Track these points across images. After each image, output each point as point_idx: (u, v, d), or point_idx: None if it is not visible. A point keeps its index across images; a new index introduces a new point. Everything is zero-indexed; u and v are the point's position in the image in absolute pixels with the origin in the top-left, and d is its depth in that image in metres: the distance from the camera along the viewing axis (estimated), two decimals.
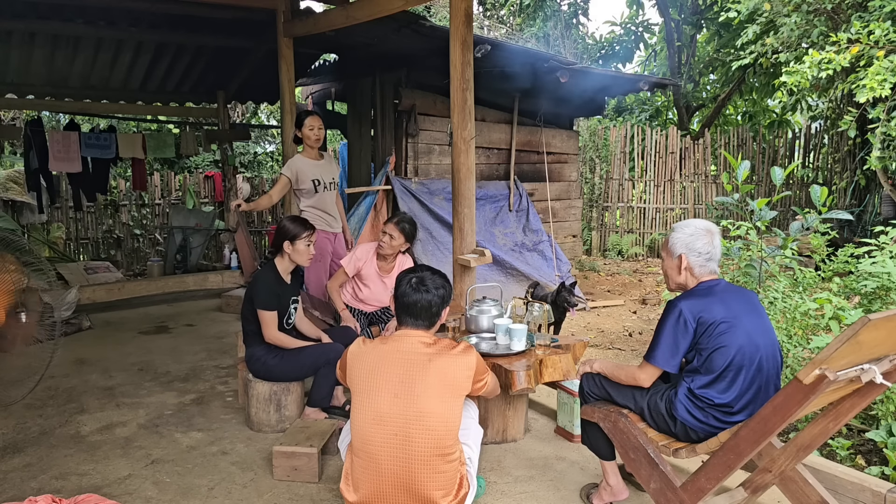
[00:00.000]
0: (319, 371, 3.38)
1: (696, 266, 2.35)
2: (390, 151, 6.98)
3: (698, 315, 2.24)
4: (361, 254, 4.01)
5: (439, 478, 2.12)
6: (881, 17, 6.35)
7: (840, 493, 2.48)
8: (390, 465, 2.12)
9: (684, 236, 2.36)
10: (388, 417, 2.12)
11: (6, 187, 8.13)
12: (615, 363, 2.52)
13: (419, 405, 2.11)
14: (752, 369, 2.21)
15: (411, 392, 2.12)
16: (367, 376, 2.19)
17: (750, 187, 4.72)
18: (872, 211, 8.35)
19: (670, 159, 10.46)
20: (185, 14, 6.15)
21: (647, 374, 2.34)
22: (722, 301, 2.27)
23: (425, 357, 2.18)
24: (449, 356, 2.20)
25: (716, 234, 2.37)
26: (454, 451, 2.17)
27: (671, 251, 2.41)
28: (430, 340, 2.26)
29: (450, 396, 2.16)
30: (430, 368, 2.15)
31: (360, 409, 2.19)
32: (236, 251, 6.94)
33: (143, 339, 5.40)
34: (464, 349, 2.26)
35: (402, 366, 2.17)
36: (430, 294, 2.28)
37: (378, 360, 2.21)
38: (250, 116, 13.89)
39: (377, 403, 2.15)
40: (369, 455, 2.14)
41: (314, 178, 4.45)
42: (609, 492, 2.66)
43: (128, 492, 2.81)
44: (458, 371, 2.19)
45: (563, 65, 6.70)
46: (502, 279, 6.81)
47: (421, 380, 2.13)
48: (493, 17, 16.19)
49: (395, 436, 2.11)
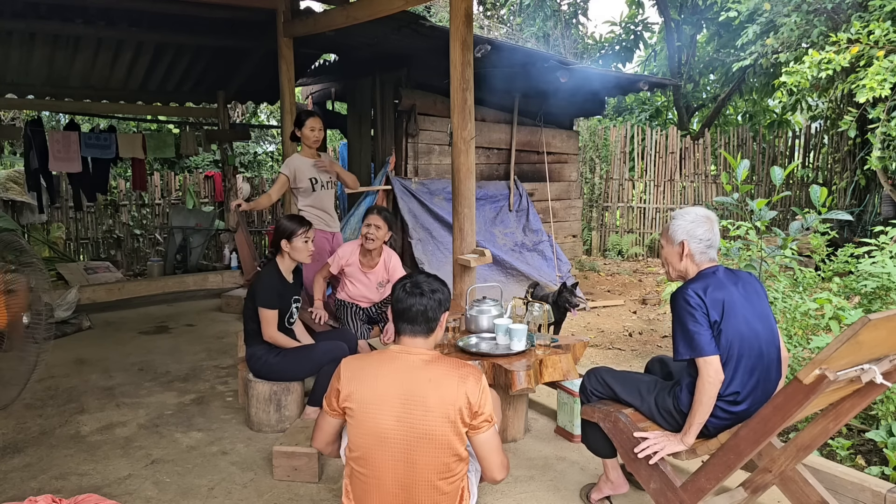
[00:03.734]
0: (322, 370, 3.38)
1: (697, 253, 2.34)
2: (390, 151, 6.98)
3: (703, 294, 2.21)
4: (343, 252, 4.07)
5: (442, 499, 2.06)
6: (881, 17, 6.36)
7: (840, 493, 2.48)
8: (393, 487, 2.03)
9: (685, 223, 2.35)
10: (391, 440, 2.01)
11: (6, 187, 8.13)
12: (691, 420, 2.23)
13: (422, 428, 1.99)
14: (752, 356, 2.21)
15: (413, 415, 2.00)
16: (367, 392, 2.05)
17: (749, 187, 4.71)
18: (872, 211, 8.35)
19: (670, 159, 10.46)
20: (185, 14, 6.15)
21: (708, 369, 2.16)
22: (722, 287, 2.26)
23: (426, 378, 2.03)
24: (451, 378, 2.03)
25: (715, 221, 2.38)
26: (459, 472, 2.07)
27: (672, 238, 2.39)
28: (431, 358, 2.09)
29: (454, 419, 2.00)
30: (431, 391, 2.00)
31: (359, 426, 2.06)
32: (236, 251, 6.95)
33: (143, 339, 5.40)
34: (469, 373, 2.04)
35: (403, 385, 2.02)
36: (425, 298, 2.13)
37: (377, 377, 2.07)
38: (250, 116, 13.89)
39: (378, 423, 2.03)
40: (372, 475, 2.05)
41: (311, 178, 4.46)
42: (609, 486, 2.67)
43: (128, 492, 2.81)
44: (460, 397, 2.00)
45: (563, 65, 6.70)
46: (502, 279, 6.81)
47: (421, 402, 1.99)
48: (493, 17, 16.19)
49: (397, 460, 2.01)
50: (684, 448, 2.25)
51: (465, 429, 2.02)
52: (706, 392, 2.16)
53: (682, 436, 2.25)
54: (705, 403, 2.17)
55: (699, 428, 2.22)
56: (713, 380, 2.16)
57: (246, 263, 4.77)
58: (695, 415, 2.20)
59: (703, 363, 2.16)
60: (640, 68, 15.09)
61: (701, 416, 2.19)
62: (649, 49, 14.59)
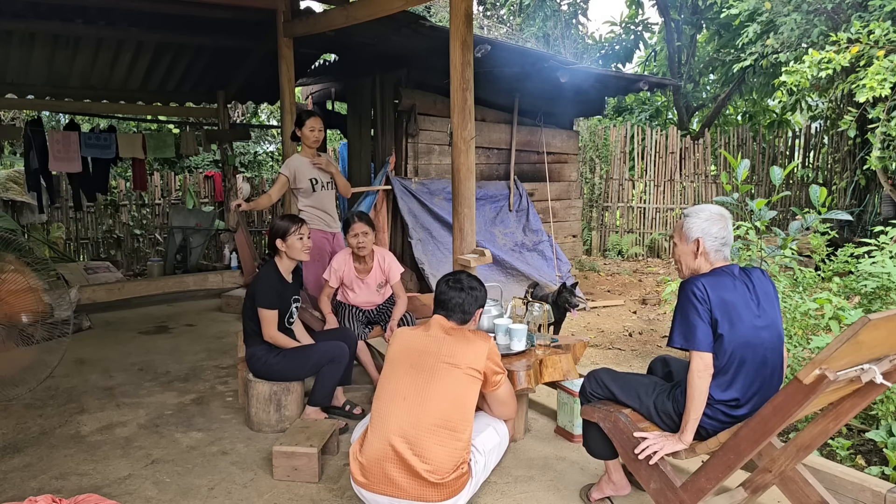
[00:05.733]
0: (322, 370, 3.38)
1: (712, 251, 2.32)
2: (390, 151, 6.98)
3: (711, 291, 2.20)
4: (338, 264, 4.03)
5: (440, 452, 2.26)
6: (881, 17, 6.36)
7: (840, 493, 2.48)
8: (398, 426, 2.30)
9: (700, 221, 2.33)
10: (402, 384, 2.37)
11: (6, 187, 8.13)
12: (687, 417, 2.24)
13: (432, 378, 2.34)
14: (755, 363, 2.20)
15: (425, 366, 2.38)
16: (397, 351, 2.51)
17: (749, 187, 4.71)
18: (872, 211, 8.35)
19: (670, 159, 10.46)
20: (186, 14, 6.15)
21: (699, 363, 2.18)
22: (733, 289, 2.24)
23: (442, 337, 2.48)
24: (464, 338, 2.48)
25: (728, 219, 2.36)
26: (462, 432, 2.32)
27: (686, 236, 2.36)
28: (453, 325, 2.55)
29: (461, 374, 2.37)
30: (444, 347, 2.42)
31: (382, 377, 2.48)
32: (236, 251, 6.94)
33: (143, 339, 5.40)
34: (479, 335, 2.54)
35: (422, 344, 2.47)
36: (464, 293, 2.58)
37: (409, 339, 2.53)
38: (250, 116, 13.88)
39: (397, 373, 2.41)
40: (381, 417, 2.35)
41: (311, 178, 4.46)
42: (612, 487, 2.67)
43: (128, 492, 2.81)
44: (469, 351, 2.41)
45: (563, 65, 6.70)
46: (502, 279, 6.82)
47: (435, 356, 2.39)
48: (493, 17, 16.19)
49: (404, 399, 2.34)
50: (683, 447, 2.25)
51: (483, 378, 2.45)
52: (696, 386, 2.18)
53: (680, 434, 2.25)
54: (697, 398, 2.18)
55: (696, 424, 2.22)
56: (703, 373, 2.17)
57: (246, 263, 4.78)
58: (689, 411, 2.20)
59: (695, 356, 2.18)
60: (640, 68, 15.09)
61: (696, 412, 2.20)
62: (649, 49, 14.59)
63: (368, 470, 2.33)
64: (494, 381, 2.51)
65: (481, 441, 2.53)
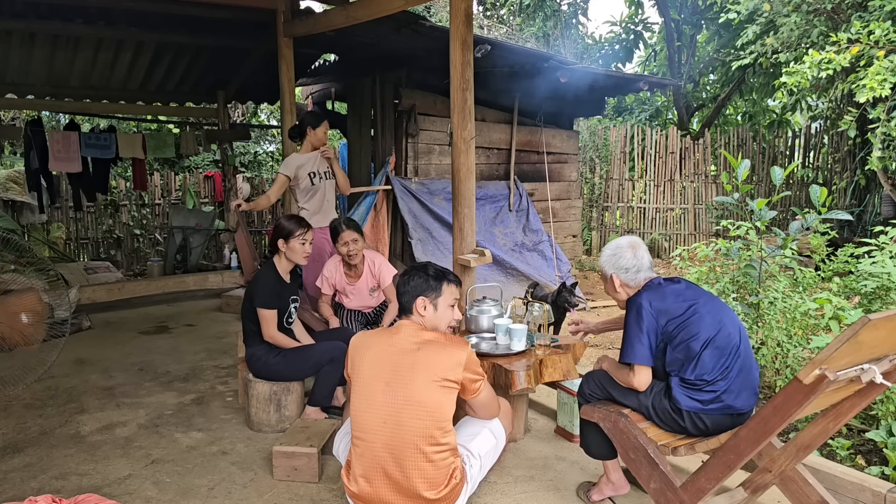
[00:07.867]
0: (322, 370, 3.38)
1: (630, 281, 2.49)
2: (390, 151, 6.98)
3: (657, 305, 2.36)
4: (329, 272, 4.04)
5: (428, 468, 2.19)
6: (881, 17, 6.36)
7: (840, 493, 2.48)
8: (382, 451, 2.21)
9: (607, 258, 2.53)
10: (379, 405, 2.22)
11: (6, 187, 8.13)
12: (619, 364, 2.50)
13: (406, 393, 2.19)
14: (728, 348, 2.30)
15: (400, 380, 2.21)
16: (366, 366, 2.29)
17: (750, 187, 4.71)
18: (872, 211, 8.35)
19: (670, 159, 10.45)
20: (185, 14, 6.15)
21: (639, 377, 2.37)
22: (675, 293, 2.39)
23: (414, 346, 2.27)
24: (437, 346, 2.27)
25: (639, 246, 2.51)
26: (445, 442, 2.22)
27: (604, 275, 2.56)
28: (423, 330, 2.34)
29: (437, 387, 2.20)
30: (418, 358, 2.23)
31: (356, 398, 2.29)
32: (236, 251, 6.94)
33: (143, 339, 5.40)
34: (455, 343, 2.31)
35: (394, 355, 2.26)
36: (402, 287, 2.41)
37: (376, 351, 2.31)
38: (250, 116, 13.88)
39: (371, 393, 2.24)
40: (364, 442, 2.24)
41: (311, 172, 4.47)
42: (611, 487, 2.68)
43: (128, 492, 2.81)
44: (444, 362, 2.23)
45: (562, 65, 6.70)
46: (502, 279, 6.81)
47: (409, 368, 2.22)
48: (493, 17, 16.18)
49: (384, 423, 2.20)
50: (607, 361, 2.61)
51: (460, 388, 2.27)
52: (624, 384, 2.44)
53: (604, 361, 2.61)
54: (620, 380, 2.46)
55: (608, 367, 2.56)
56: (634, 386, 2.39)
57: (246, 263, 4.78)
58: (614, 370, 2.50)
59: (637, 369, 2.37)
60: (640, 68, 15.09)
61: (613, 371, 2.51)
62: (649, 49, 14.58)
63: (363, 497, 2.26)
64: (473, 389, 2.32)
65: (476, 445, 2.45)
